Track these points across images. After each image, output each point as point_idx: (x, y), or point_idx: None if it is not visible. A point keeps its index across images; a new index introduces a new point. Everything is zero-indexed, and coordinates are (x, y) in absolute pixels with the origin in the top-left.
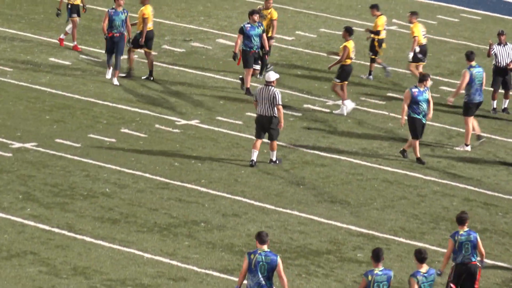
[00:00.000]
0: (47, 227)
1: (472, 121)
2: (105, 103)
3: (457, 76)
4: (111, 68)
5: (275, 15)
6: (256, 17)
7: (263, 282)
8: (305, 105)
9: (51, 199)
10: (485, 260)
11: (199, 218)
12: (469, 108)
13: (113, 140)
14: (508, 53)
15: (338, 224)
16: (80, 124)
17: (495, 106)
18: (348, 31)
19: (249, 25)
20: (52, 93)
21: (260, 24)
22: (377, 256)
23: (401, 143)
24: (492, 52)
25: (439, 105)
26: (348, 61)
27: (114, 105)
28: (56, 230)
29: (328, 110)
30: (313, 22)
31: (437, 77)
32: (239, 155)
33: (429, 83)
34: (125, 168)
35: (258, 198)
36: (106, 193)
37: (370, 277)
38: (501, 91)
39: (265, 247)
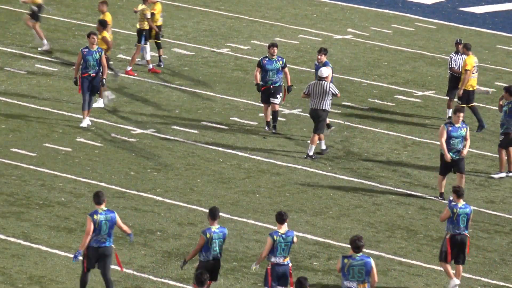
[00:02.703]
0: (2, 236)
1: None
2: (61, 112)
3: (412, 85)
4: (87, 116)
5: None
6: (273, 50)
7: (105, 239)
8: (261, 114)
9: (7, 209)
10: (442, 268)
11: (155, 227)
12: None
13: (69, 149)
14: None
15: (294, 232)
16: (36, 133)
17: (450, 115)
18: (102, 24)
19: (266, 59)
20: (8, 102)
21: (279, 58)
22: (213, 214)
23: (357, 151)
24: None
25: (394, 114)
26: (108, 52)
27: (69, 114)
28: (12, 239)
29: (284, 119)
30: (269, 31)
31: (392, 86)
32: (194, 164)
33: (461, 117)
34: (81, 177)
35: None
36: (61, 202)
37: (208, 235)
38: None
39: (102, 206)
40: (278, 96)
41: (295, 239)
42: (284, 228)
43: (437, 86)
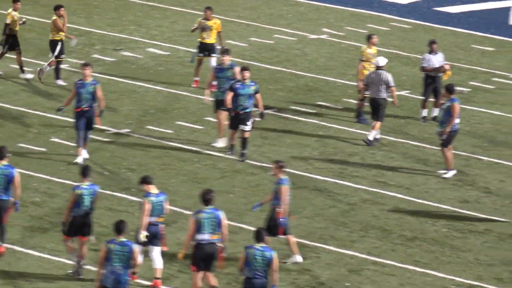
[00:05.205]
0: None
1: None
2: (36, 112)
3: None
4: (82, 152)
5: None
6: (244, 74)
7: (1, 191)
8: None
9: None
10: (415, 268)
11: (129, 227)
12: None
13: (43, 149)
14: (439, 61)
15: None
16: (11, 134)
17: (425, 115)
18: None
19: (238, 83)
20: None
21: (252, 83)
22: (84, 172)
23: (332, 151)
24: (425, 64)
25: (369, 114)
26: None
27: (44, 114)
28: None
29: (258, 119)
30: (244, 31)
31: None
32: (169, 164)
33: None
34: (55, 177)
35: (189, 207)
36: (36, 202)
37: (78, 191)
38: (431, 99)
39: (3, 161)
40: (248, 123)
41: (166, 205)
42: (155, 189)
43: (412, 86)
